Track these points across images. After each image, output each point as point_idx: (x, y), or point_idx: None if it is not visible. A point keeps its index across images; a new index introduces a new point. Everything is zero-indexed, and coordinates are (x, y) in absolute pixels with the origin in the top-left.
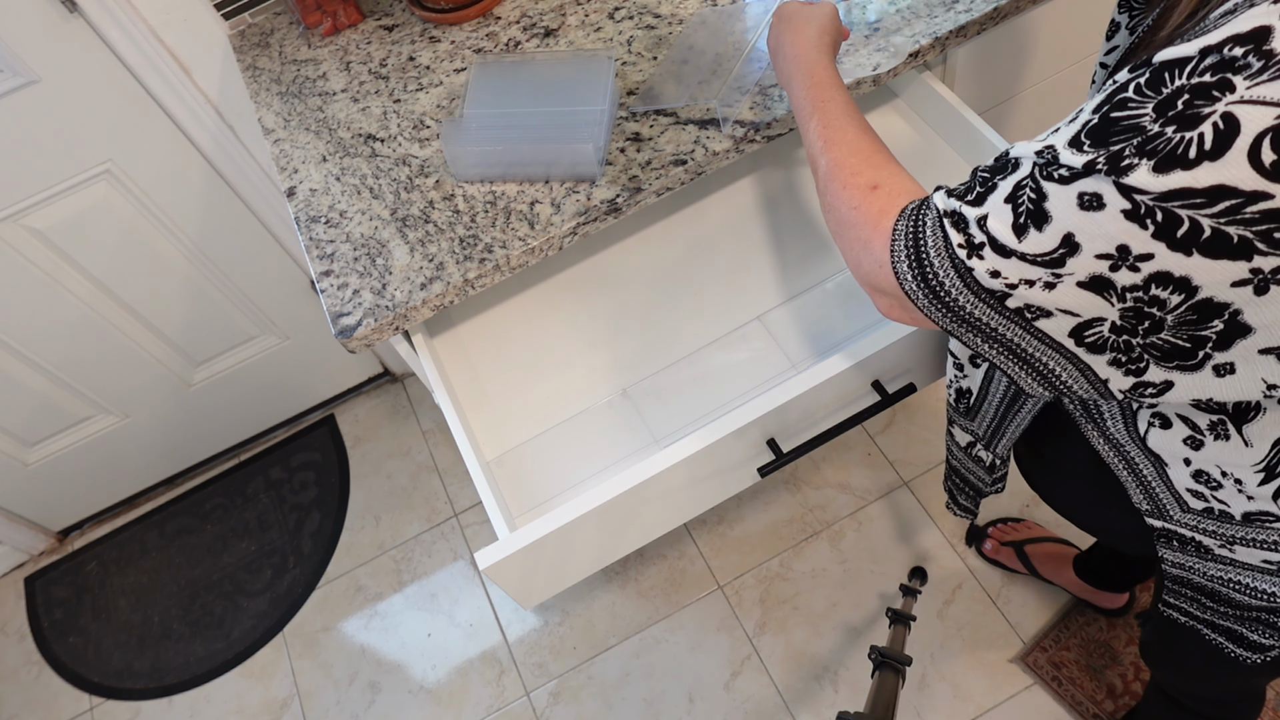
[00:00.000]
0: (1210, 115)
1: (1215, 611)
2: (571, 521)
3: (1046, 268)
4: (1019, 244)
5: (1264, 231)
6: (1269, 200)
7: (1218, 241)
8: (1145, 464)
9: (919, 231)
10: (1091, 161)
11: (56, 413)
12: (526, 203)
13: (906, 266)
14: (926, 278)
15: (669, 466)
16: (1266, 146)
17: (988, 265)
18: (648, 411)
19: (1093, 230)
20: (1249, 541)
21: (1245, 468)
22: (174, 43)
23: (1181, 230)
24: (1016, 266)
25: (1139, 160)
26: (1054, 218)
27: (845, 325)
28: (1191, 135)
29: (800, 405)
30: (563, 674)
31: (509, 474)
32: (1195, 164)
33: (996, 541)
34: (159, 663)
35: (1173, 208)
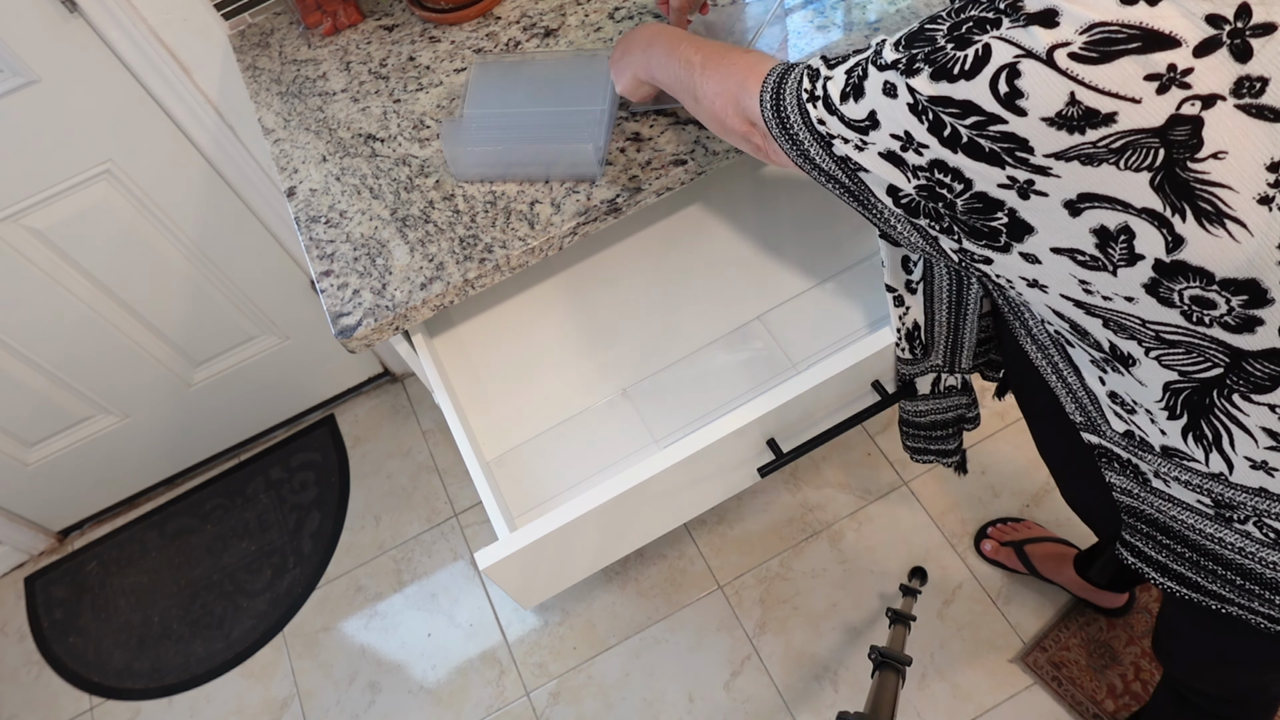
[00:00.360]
0: (977, 43)
1: (1175, 554)
2: (571, 521)
3: (856, 132)
4: (840, 106)
5: (1006, 149)
6: (1003, 124)
7: (974, 147)
8: (1068, 370)
9: (786, 74)
10: (897, 60)
11: (56, 413)
12: (526, 203)
13: (770, 99)
14: (779, 109)
15: (669, 466)
16: (1003, 79)
17: (818, 114)
18: (647, 411)
19: (888, 113)
20: (1175, 479)
21: (1150, 402)
22: (174, 43)
23: (947, 132)
24: (836, 125)
25: (923, 66)
26: (866, 94)
27: (846, 325)
28: (961, 55)
29: (800, 405)
30: (563, 674)
31: (509, 474)
32: (956, 79)
33: (996, 541)
34: (159, 663)
35: (939, 112)
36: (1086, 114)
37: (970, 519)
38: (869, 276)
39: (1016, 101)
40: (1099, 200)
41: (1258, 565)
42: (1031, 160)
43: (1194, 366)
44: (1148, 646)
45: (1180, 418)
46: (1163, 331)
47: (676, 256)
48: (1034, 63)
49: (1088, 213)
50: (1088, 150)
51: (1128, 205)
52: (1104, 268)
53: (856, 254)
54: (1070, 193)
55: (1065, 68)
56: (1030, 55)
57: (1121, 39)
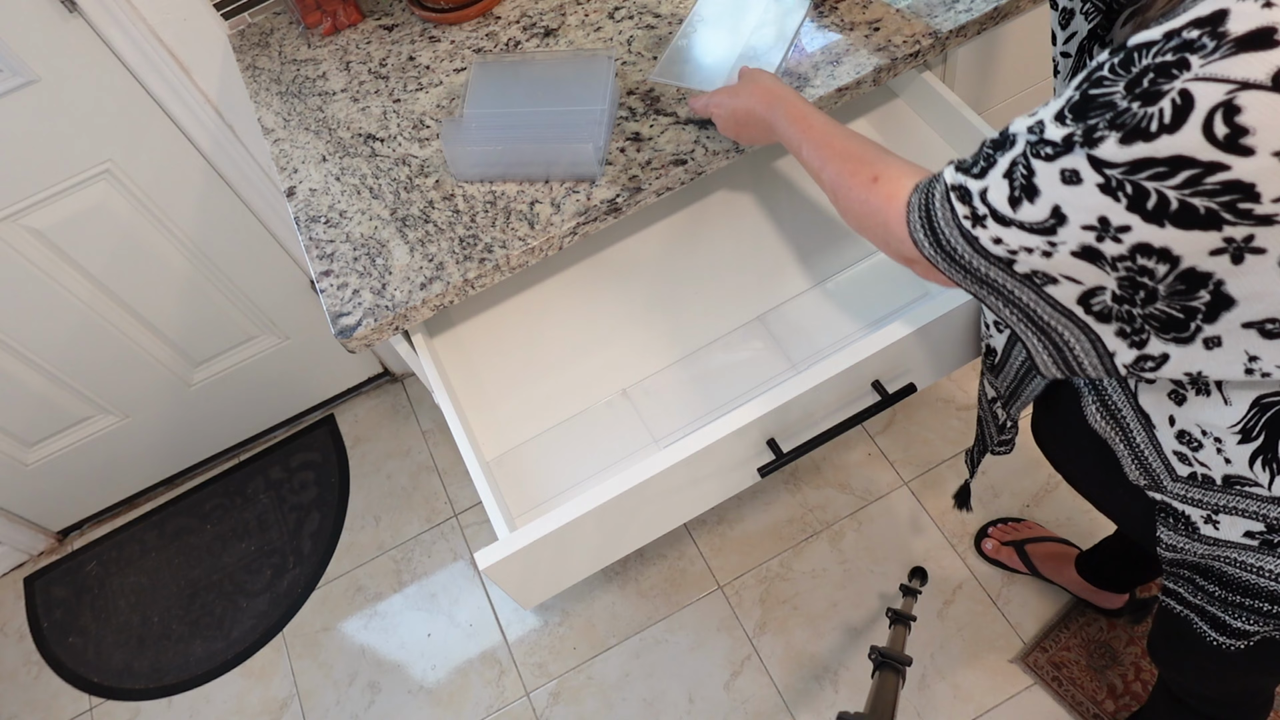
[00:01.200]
0: (1169, 92)
1: (1206, 594)
2: (571, 521)
3: (1041, 235)
4: (1015, 214)
5: (1227, 202)
6: (1226, 171)
7: (1186, 213)
8: (1137, 427)
9: (929, 204)
10: (1070, 135)
11: (56, 413)
12: (526, 202)
13: (923, 235)
14: (941, 244)
15: (669, 466)
16: (1219, 120)
17: (991, 233)
18: (647, 411)
19: (1076, 203)
20: (1230, 509)
21: (1224, 428)
22: (174, 42)
23: (1151, 202)
24: (1015, 234)
25: (1109, 133)
26: (1042, 191)
27: (845, 325)
28: (1153, 110)
29: (800, 405)
30: (563, 674)
31: (509, 474)
32: (1155, 136)
33: (997, 541)
34: (159, 663)
35: (1140, 180)
36: None
37: (970, 519)
38: (869, 276)
39: (1241, 141)
40: None
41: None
42: (1256, 210)
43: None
44: None
45: (1253, 440)
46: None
47: (677, 256)
48: (1257, 93)
49: None
50: None
51: None
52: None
53: (856, 254)
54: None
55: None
56: (1250, 86)
57: None
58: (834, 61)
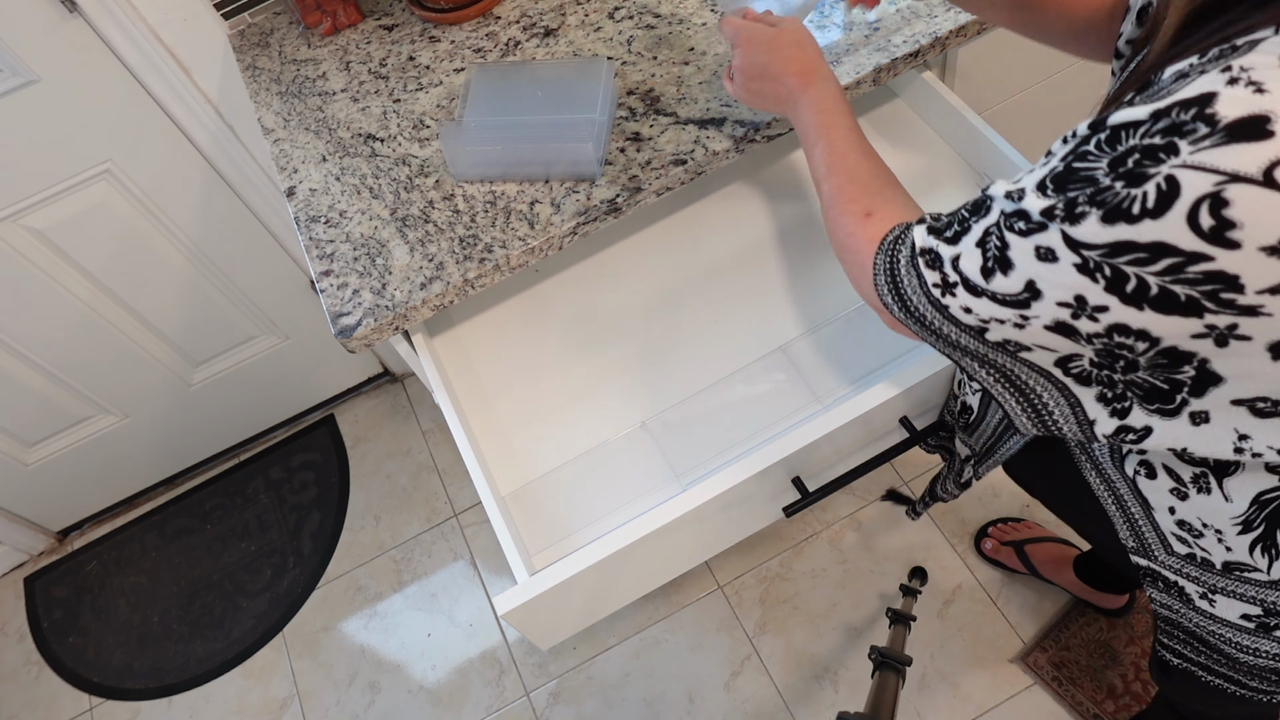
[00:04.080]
0: (1155, 176)
1: (1209, 656)
2: (592, 565)
3: (1014, 309)
4: (987, 284)
5: (1209, 291)
6: (1210, 262)
7: (1166, 299)
8: (1134, 502)
9: (894, 266)
10: (1050, 208)
11: (56, 413)
12: (526, 202)
13: (891, 298)
14: (908, 308)
15: (693, 509)
16: (1205, 211)
17: (961, 302)
18: (668, 445)
19: (1051, 280)
20: (1228, 592)
21: (1225, 519)
22: (174, 42)
23: (1130, 286)
24: (987, 305)
25: (1090, 210)
26: (1016, 265)
27: (869, 357)
28: (1137, 193)
29: (827, 444)
30: (563, 674)
31: (525, 509)
32: (1138, 220)
33: (996, 541)
34: (159, 663)
35: (1119, 264)
36: None
37: (970, 519)
38: None
39: (1227, 234)
40: None
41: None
42: (1239, 301)
43: None
44: (1148, 647)
45: (1254, 530)
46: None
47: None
48: (1246, 187)
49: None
50: None
51: None
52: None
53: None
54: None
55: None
56: (1239, 179)
57: None
58: (834, 61)
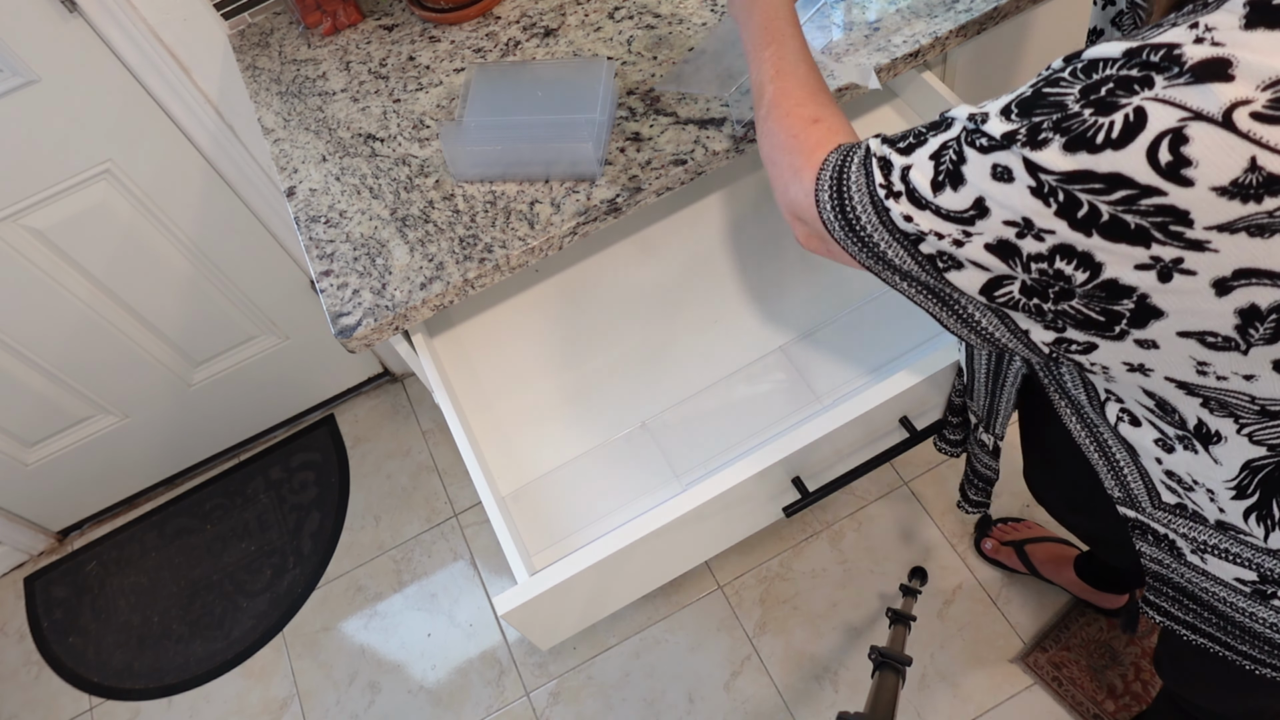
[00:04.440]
0: (1125, 106)
1: (1199, 615)
2: (592, 565)
3: (957, 224)
4: (934, 198)
5: (1159, 223)
6: (1162, 196)
7: (1116, 226)
8: (1119, 449)
9: (845, 167)
10: (1012, 132)
11: (56, 413)
12: (526, 202)
13: (828, 198)
14: (844, 211)
15: (693, 508)
16: (1164, 146)
17: (903, 209)
18: (668, 445)
19: (1002, 199)
20: (1221, 552)
21: (1217, 482)
22: (174, 42)
23: (1081, 212)
24: (930, 219)
25: (1053, 136)
26: (969, 181)
27: (869, 357)
28: (1104, 121)
29: (827, 444)
30: (563, 674)
31: (525, 509)
32: (1100, 149)
33: (997, 541)
34: (159, 663)
35: (1074, 190)
36: (1267, 181)
37: (970, 519)
38: (892, 307)
39: (1182, 171)
40: (1258, 276)
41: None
42: (1187, 235)
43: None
44: (1148, 646)
45: (1248, 497)
46: (1269, 405)
47: (678, 258)
48: (1206, 126)
49: (1239, 291)
50: (1261, 221)
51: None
52: (1235, 348)
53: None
54: (1226, 269)
55: (1247, 130)
56: (1201, 117)
57: None
58: (835, 61)
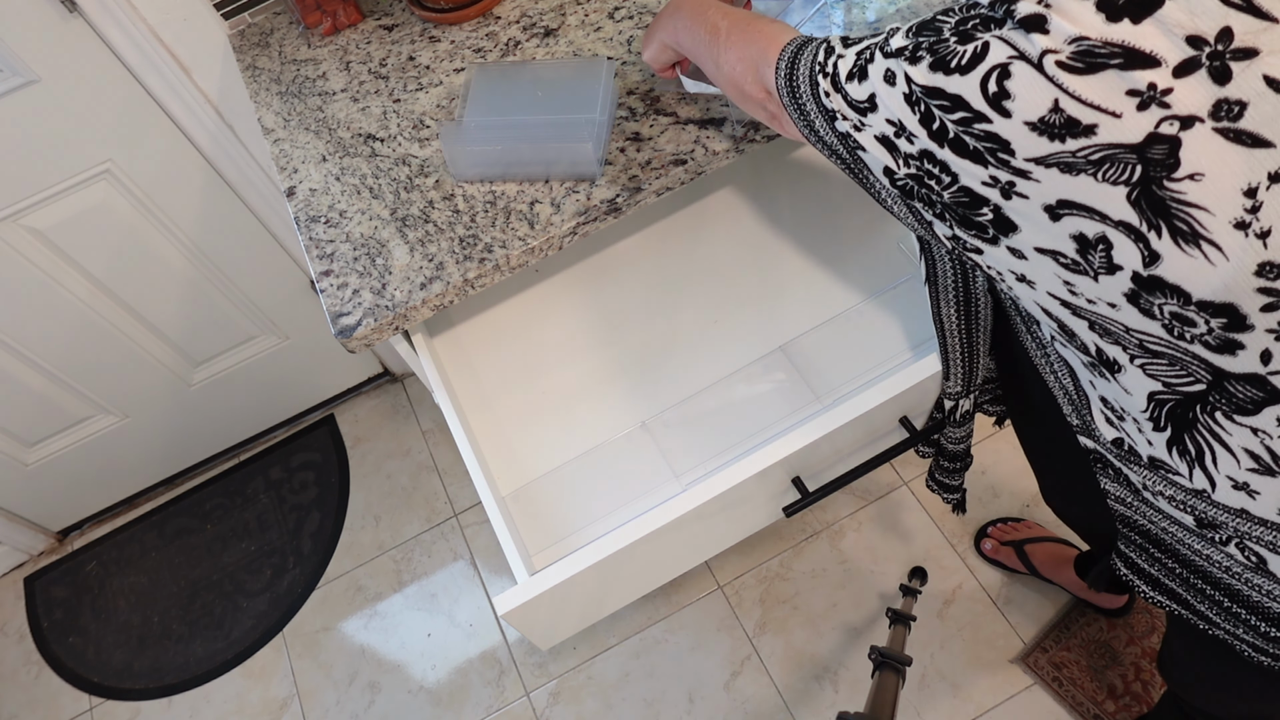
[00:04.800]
0: (977, 40)
1: (1163, 568)
2: (591, 565)
3: (856, 113)
4: (845, 85)
5: (989, 149)
6: (989, 123)
7: (959, 144)
8: (1064, 372)
9: (803, 47)
10: (903, 47)
11: (56, 413)
12: (526, 202)
13: (784, 67)
14: (792, 80)
15: (693, 509)
16: (994, 79)
17: (825, 87)
18: (667, 445)
19: (885, 99)
20: (1159, 494)
21: (1137, 412)
22: (173, 42)
23: (935, 125)
24: (839, 102)
25: (925, 55)
26: (870, 78)
27: (869, 357)
28: (962, 50)
29: (827, 444)
30: (563, 674)
31: (525, 509)
32: (951, 73)
33: (996, 541)
34: (159, 663)
35: (931, 105)
36: (1068, 123)
37: (970, 519)
38: (895, 305)
39: (1003, 103)
40: (1077, 209)
41: (1244, 586)
42: (1012, 163)
43: (1177, 379)
44: (1148, 647)
45: (1165, 430)
46: (1146, 341)
47: (678, 258)
48: (1025, 65)
49: (1067, 219)
50: (1067, 159)
51: (1105, 216)
52: (1085, 273)
53: (884, 280)
54: (1049, 198)
55: (1052, 74)
56: (1023, 58)
57: (1103, 54)
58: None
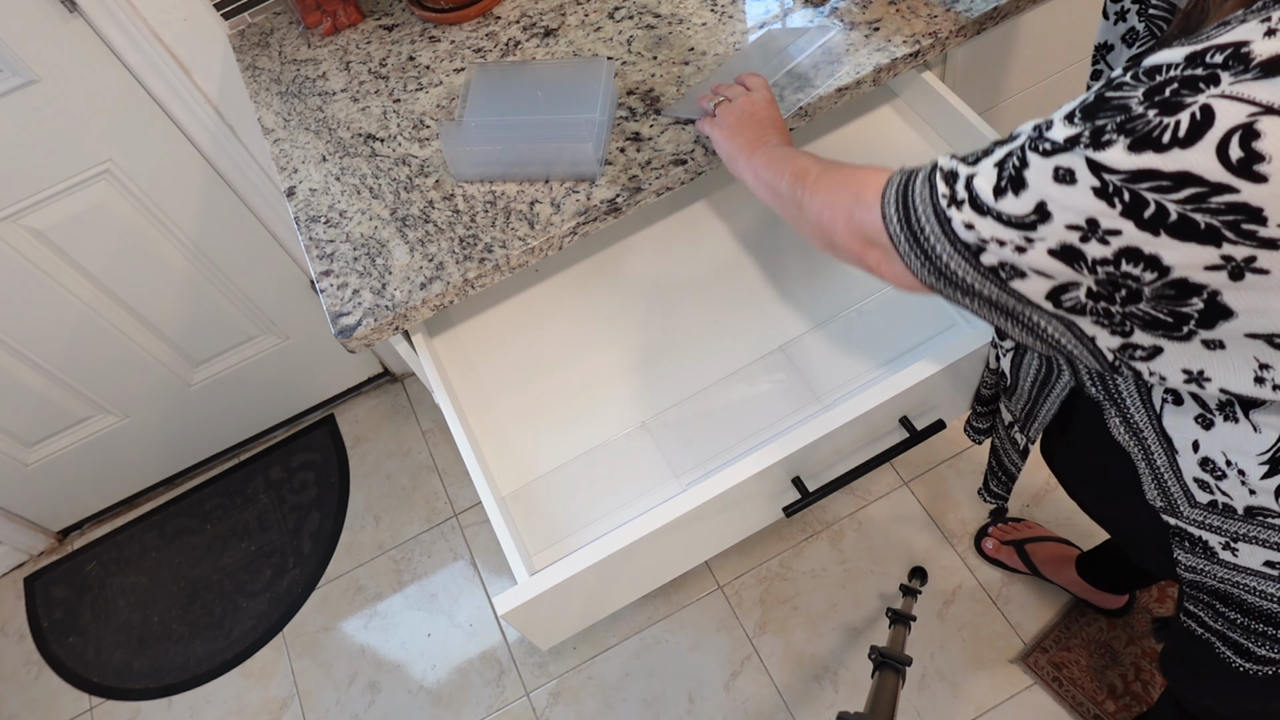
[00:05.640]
0: (1191, 105)
1: (1227, 621)
2: (591, 565)
3: (1019, 230)
4: (995, 203)
5: (1230, 222)
6: (1234, 194)
7: (1185, 225)
8: (1159, 450)
9: (910, 183)
10: (1076, 135)
11: (56, 413)
12: (526, 202)
13: (894, 209)
14: (910, 223)
15: (693, 508)
16: (1235, 143)
17: (964, 217)
18: (667, 445)
19: (1064, 202)
20: (1251, 539)
21: (1250, 456)
22: (174, 42)
23: (1149, 211)
24: (991, 225)
25: (1117, 137)
26: (1030, 185)
27: (869, 357)
28: (1170, 121)
29: (827, 444)
30: (563, 674)
31: (525, 509)
32: (1167, 148)
33: (997, 541)
34: (159, 663)
35: (1140, 189)
36: None
37: (970, 519)
38: (893, 307)
39: (1255, 167)
40: None
41: None
42: (1260, 233)
43: None
44: (1148, 647)
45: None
46: None
47: (678, 258)
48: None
49: None
50: None
51: None
52: None
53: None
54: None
55: None
56: (1272, 111)
57: None
58: (834, 61)
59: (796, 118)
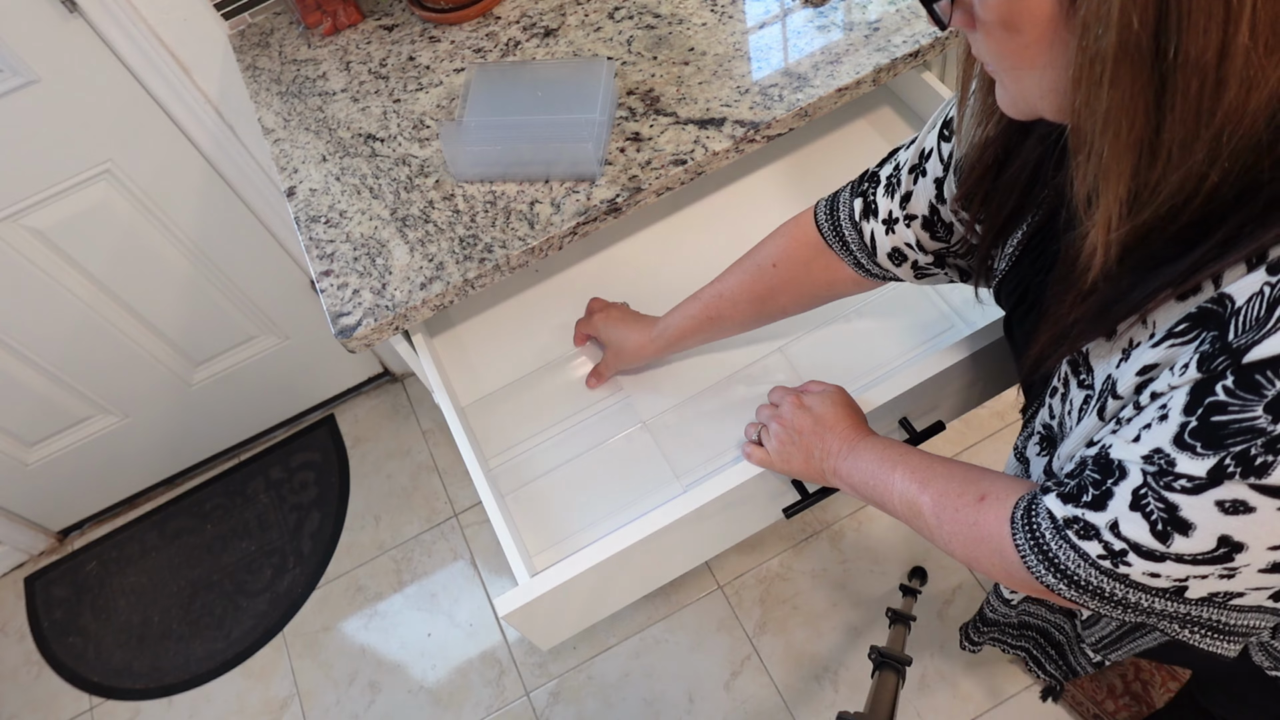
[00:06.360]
0: None
1: None
2: (592, 567)
3: (1213, 564)
4: (1168, 548)
5: None
6: None
7: None
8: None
9: (1041, 543)
10: (1218, 466)
11: (56, 413)
12: (526, 202)
13: (1054, 578)
14: (1079, 584)
15: (694, 510)
16: None
17: (1143, 569)
18: (668, 446)
19: (1253, 530)
20: None
21: None
22: (174, 42)
23: None
24: (1179, 568)
25: (1273, 459)
26: (1198, 525)
27: (869, 358)
28: None
29: None
30: (563, 674)
31: (526, 510)
32: None
33: None
34: (159, 663)
35: None
36: None
37: None
38: (895, 306)
39: None
40: None
41: None
42: None
43: None
44: None
45: None
46: None
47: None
48: None
49: None
50: None
51: None
52: None
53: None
54: None
55: None
56: None
57: None
58: (834, 61)
59: (796, 118)
